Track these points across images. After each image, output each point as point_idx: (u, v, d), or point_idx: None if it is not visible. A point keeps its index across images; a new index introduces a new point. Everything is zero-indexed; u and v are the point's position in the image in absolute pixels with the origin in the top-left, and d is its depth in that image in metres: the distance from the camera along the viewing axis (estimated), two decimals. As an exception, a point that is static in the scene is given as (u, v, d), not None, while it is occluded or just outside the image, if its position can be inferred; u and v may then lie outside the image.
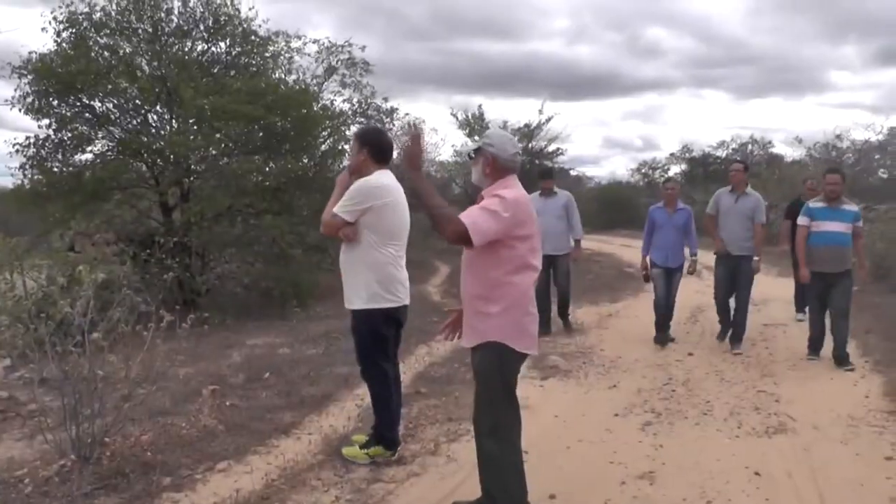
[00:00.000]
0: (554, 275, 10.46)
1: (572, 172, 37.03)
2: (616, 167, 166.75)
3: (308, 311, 13.66)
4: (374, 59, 21.08)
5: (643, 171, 52.11)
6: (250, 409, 6.66)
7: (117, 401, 5.38)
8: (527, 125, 27.99)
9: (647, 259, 9.96)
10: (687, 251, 9.92)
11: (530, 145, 28.37)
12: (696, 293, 8.72)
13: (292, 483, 4.99)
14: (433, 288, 17.11)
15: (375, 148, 5.25)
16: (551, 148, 28.71)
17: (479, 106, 30.96)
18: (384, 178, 5.18)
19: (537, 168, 28.39)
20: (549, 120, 27.63)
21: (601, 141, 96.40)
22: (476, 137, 28.48)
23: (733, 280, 9.45)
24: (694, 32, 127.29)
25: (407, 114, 31.26)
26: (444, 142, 59.30)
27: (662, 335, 9.76)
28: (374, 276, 5.13)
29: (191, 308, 8.88)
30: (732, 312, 9.58)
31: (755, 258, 9.30)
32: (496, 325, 4.08)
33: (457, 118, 28.48)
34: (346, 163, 7.43)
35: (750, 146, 46.32)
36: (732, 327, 9.54)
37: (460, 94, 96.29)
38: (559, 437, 5.96)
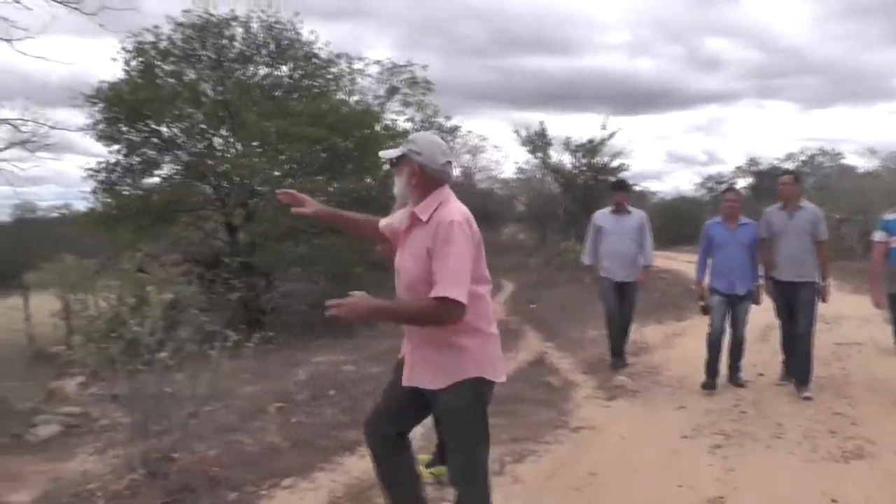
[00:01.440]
0: (620, 304, 9.03)
1: (636, 188, 36.69)
2: (680, 182, 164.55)
3: (372, 329, 13.66)
4: (433, 77, 21.28)
5: (708, 185, 51.38)
6: (315, 426, 6.67)
7: (185, 418, 5.43)
8: (590, 141, 27.73)
9: (704, 284, 8.25)
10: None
11: (593, 161, 28.08)
12: (765, 311, 8.29)
13: (356, 500, 4.97)
14: (498, 306, 17.03)
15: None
16: (615, 164, 28.41)
17: (541, 122, 30.83)
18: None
19: (609, 183, 28.18)
20: (612, 135, 27.38)
21: (664, 155, 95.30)
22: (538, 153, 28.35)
23: (793, 311, 7.87)
24: (755, 42, 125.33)
25: (469, 131, 31.27)
26: (507, 159, 59.21)
27: (710, 381, 7.97)
28: None
29: (256, 327, 8.96)
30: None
31: (821, 282, 7.82)
32: (472, 360, 3.57)
33: (519, 135, 28.34)
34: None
35: (819, 157, 45.33)
36: (795, 369, 7.99)
37: (520, 111, 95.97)
38: (626, 460, 5.77)
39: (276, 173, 15.20)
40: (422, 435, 6.33)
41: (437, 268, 3.38)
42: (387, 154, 3.65)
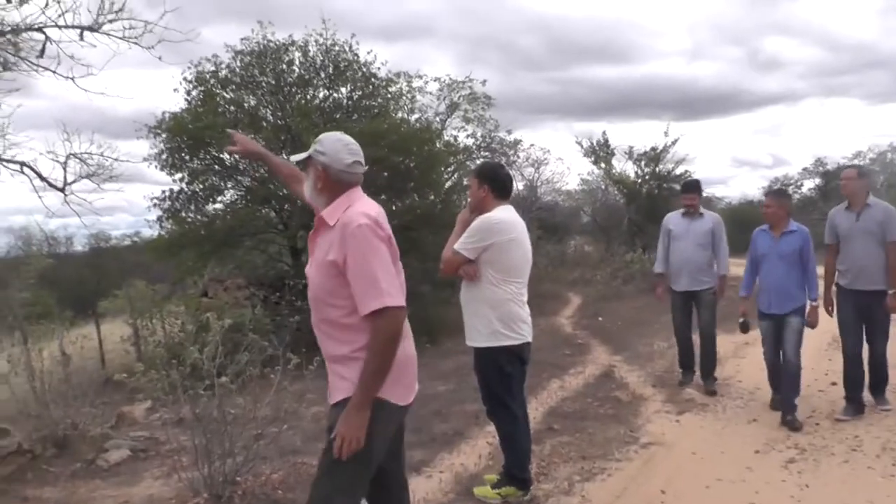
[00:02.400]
0: (697, 314, 8.56)
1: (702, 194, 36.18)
2: (746, 186, 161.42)
3: (439, 348, 13.62)
4: (492, 92, 21.27)
5: (775, 188, 50.35)
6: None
7: (248, 440, 5.45)
8: (653, 149, 27.37)
9: (748, 300, 7.50)
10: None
11: (657, 170, 27.70)
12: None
13: (422, 520, 4.92)
14: (565, 320, 16.85)
15: (496, 183, 5.07)
16: (679, 171, 27.99)
17: (604, 132, 30.49)
18: (506, 214, 5.03)
19: (682, 183, 27.75)
20: (675, 142, 26.97)
21: (728, 160, 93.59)
22: (601, 165, 28.03)
23: (866, 324, 7.13)
24: (817, 40, 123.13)
25: (532, 144, 31.04)
26: (570, 170, 58.95)
27: (789, 417, 6.88)
28: (494, 314, 4.97)
29: (313, 349, 8.96)
30: (867, 365, 7.28)
31: (890, 290, 6.86)
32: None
33: (581, 146, 28.10)
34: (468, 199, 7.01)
35: (889, 154, 44.03)
36: (871, 381, 7.33)
37: (581, 122, 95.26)
38: (697, 476, 5.64)
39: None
40: (489, 454, 6.27)
41: (358, 278, 3.13)
42: (295, 158, 3.55)
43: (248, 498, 5.14)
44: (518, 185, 27.38)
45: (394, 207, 15.63)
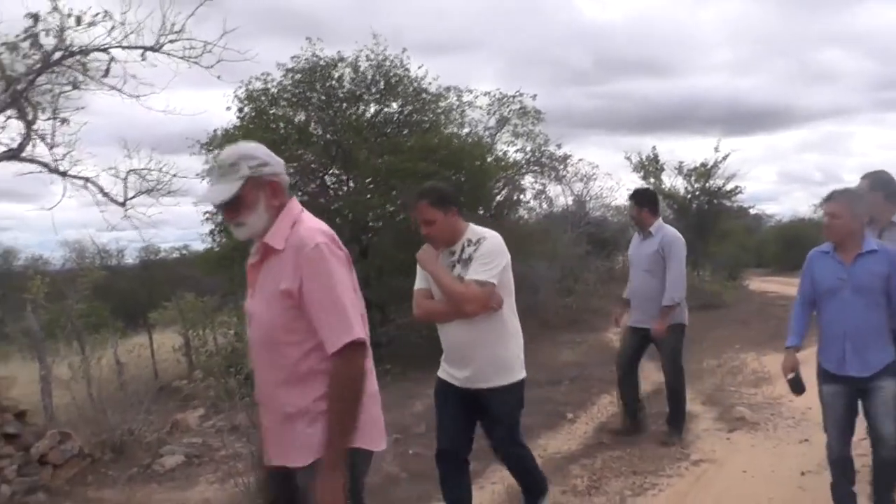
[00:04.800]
0: (660, 356, 7.30)
1: (752, 210, 35.70)
2: (796, 203, 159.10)
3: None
4: (541, 105, 21.29)
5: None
6: (432, 458, 6.67)
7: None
8: (703, 164, 27.13)
9: (798, 356, 4.83)
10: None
11: (707, 185, 27.45)
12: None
13: (473, 531, 4.95)
14: (613, 335, 16.75)
15: (457, 203, 4.50)
16: (729, 187, 27.69)
17: (653, 147, 30.19)
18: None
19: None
20: (725, 157, 26.70)
21: (776, 176, 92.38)
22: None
23: None
24: (871, 51, 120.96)
25: (581, 159, 30.91)
26: (619, 186, 58.71)
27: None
28: (515, 343, 4.50)
29: (376, 360, 9.04)
30: None
31: None
32: None
33: (630, 161, 27.92)
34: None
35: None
36: None
37: (627, 137, 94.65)
38: (748, 495, 5.58)
39: (390, 208, 15.39)
40: (539, 465, 6.30)
41: (321, 309, 2.69)
42: (223, 195, 2.83)
43: (303, 503, 5.21)
44: (567, 200, 27.31)
45: (444, 221, 15.72)
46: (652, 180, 27.58)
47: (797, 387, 4.84)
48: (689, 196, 27.78)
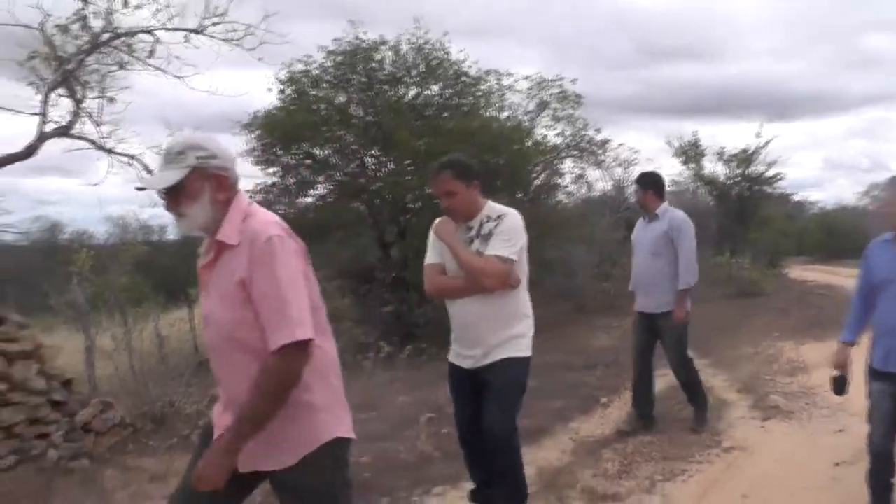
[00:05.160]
0: (662, 343, 7.08)
1: (794, 197, 35.29)
2: (841, 191, 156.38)
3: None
4: (582, 90, 21.07)
5: (872, 193, 48.81)
6: (464, 438, 6.79)
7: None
8: (744, 150, 26.83)
9: (849, 353, 4.65)
10: None
11: (748, 171, 27.16)
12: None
13: (504, 509, 5.02)
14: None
15: (479, 177, 4.45)
16: (770, 173, 27.35)
17: (694, 132, 29.83)
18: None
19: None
20: (767, 143, 26.38)
21: (821, 162, 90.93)
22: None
23: None
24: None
25: (621, 144, 30.62)
26: (660, 170, 58.13)
27: None
28: (529, 323, 4.49)
29: (409, 340, 9.19)
30: None
31: None
32: (324, 419, 2.79)
33: (671, 145, 27.69)
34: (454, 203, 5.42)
35: None
36: None
37: (668, 121, 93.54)
38: (781, 483, 5.58)
39: (428, 190, 15.46)
40: (571, 450, 6.36)
41: (265, 303, 2.61)
42: (165, 181, 2.74)
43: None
44: (606, 185, 27.20)
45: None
46: (692, 165, 27.39)
47: (839, 387, 4.67)
48: (730, 182, 27.53)
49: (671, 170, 42.98)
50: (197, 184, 2.73)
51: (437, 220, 4.47)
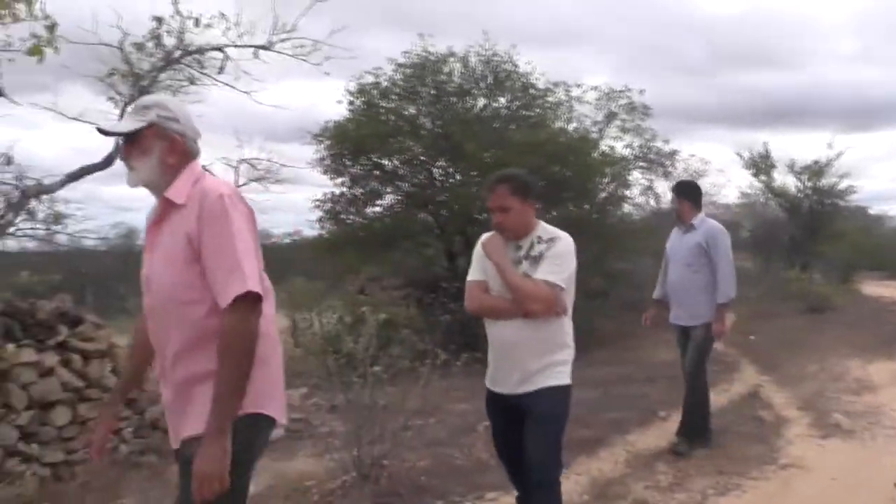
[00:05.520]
0: (684, 355, 6.99)
1: (870, 211, 34.43)
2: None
3: (588, 356, 13.68)
4: (651, 100, 20.86)
5: None
6: (522, 448, 6.86)
7: (396, 429, 5.78)
8: (815, 162, 26.35)
9: None
10: None
11: (819, 184, 26.65)
12: None
13: (555, 517, 5.09)
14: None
15: (538, 195, 4.31)
16: (843, 185, 26.79)
17: (765, 143, 29.29)
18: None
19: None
20: (839, 155, 25.86)
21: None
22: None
23: None
24: None
25: (692, 154, 30.25)
26: (730, 182, 57.01)
27: None
28: (570, 352, 4.21)
29: (465, 349, 9.28)
30: None
31: None
32: (253, 390, 2.59)
33: (741, 157, 27.29)
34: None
35: None
36: None
37: (741, 131, 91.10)
38: (836, 502, 5.52)
39: (493, 203, 15.57)
40: (625, 461, 6.40)
41: (215, 259, 2.56)
42: (121, 126, 2.85)
43: (393, 481, 5.46)
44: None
45: (549, 215, 15.78)
46: (763, 178, 26.97)
47: None
48: (801, 195, 27.06)
49: (742, 182, 42.05)
50: (150, 140, 2.73)
51: (484, 236, 4.20)
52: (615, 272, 16.68)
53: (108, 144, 7.27)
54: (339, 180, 16.75)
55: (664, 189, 25.00)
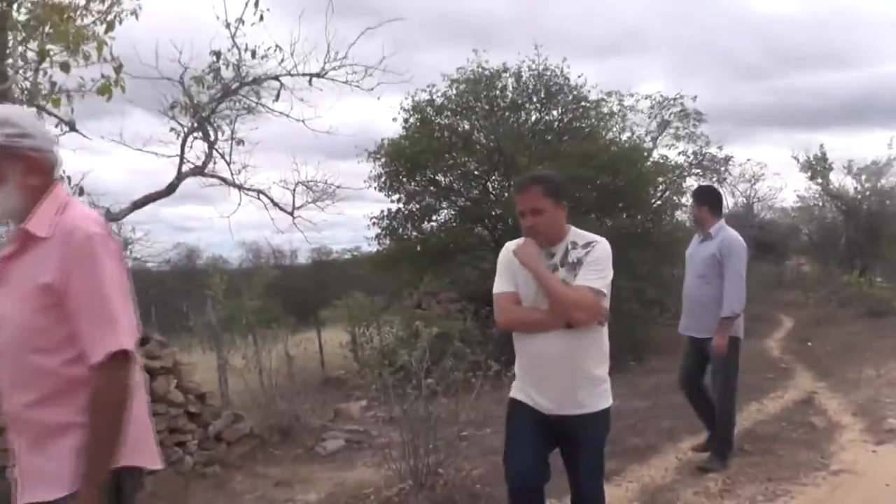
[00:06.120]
0: (694, 368, 6.67)
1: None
2: None
3: (643, 365, 13.75)
4: (707, 104, 20.79)
5: None
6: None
7: (451, 438, 5.99)
8: (874, 162, 25.87)
9: None
10: None
11: (879, 184, 26.11)
12: None
13: (607, 521, 5.24)
14: (773, 343, 16.42)
15: (570, 197, 4.08)
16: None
17: (821, 145, 28.89)
18: None
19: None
20: (900, 155, 25.41)
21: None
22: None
23: None
24: None
25: (748, 159, 30.00)
26: (787, 186, 56.24)
27: None
28: (608, 364, 3.90)
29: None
30: None
31: None
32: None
33: (797, 160, 26.93)
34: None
35: None
36: None
37: (802, 132, 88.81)
38: (888, 508, 5.49)
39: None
40: (676, 469, 6.50)
41: (84, 308, 2.29)
42: None
43: (449, 489, 5.65)
44: (727, 202, 26.80)
45: (603, 227, 15.86)
46: (819, 180, 26.60)
47: None
48: (859, 196, 26.60)
49: (798, 185, 41.31)
50: (2, 164, 2.37)
51: (511, 243, 3.91)
52: (669, 280, 16.71)
53: (168, 168, 7.66)
54: (396, 196, 17.08)
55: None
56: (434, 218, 17.57)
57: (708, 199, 6.64)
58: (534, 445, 3.89)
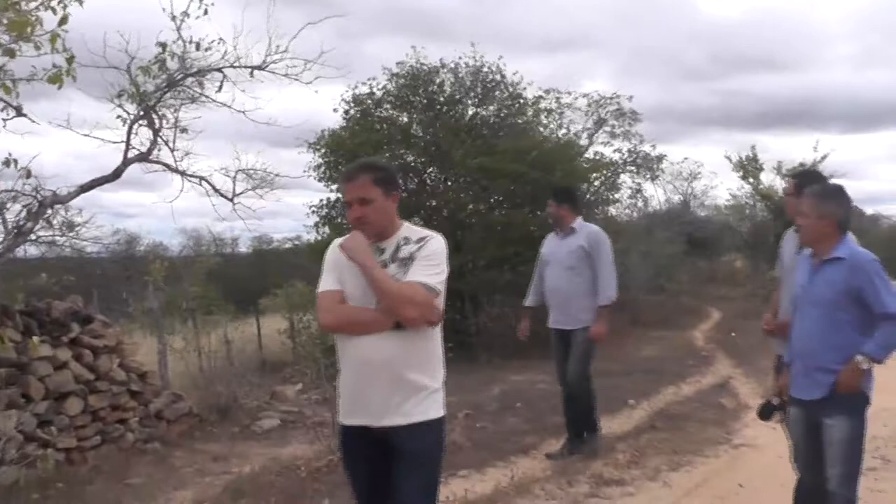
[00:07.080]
0: (570, 356, 6.70)
1: (868, 211, 34.71)
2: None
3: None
4: (652, 104, 21.44)
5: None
6: (497, 432, 7.52)
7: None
8: (801, 164, 26.73)
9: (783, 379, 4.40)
10: None
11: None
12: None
13: (519, 491, 5.66)
14: (699, 333, 16.98)
15: (400, 191, 3.83)
16: (830, 187, 27.09)
17: (752, 146, 29.64)
18: None
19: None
20: (824, 157, 26.26)
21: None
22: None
23: None
24: None
25: (685, 158, 30.73)
26: (721, 184, 57.74)
27: None
28: (442, 372, 3.47)
29: (461, 347, 9.85)
30: None
31: None
32: None
33: (730, 160, 27.75)
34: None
35: None
36: None
37: (744, 134, 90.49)
38: (777, 476, 5.81)
39: (482, 207, 16.13)
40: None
41: None
42: None
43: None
44: (660, 199, 27.61)
45: (535, 218, 16.24)
46: (751, 180, 27.45)
47: (764, 413, 4.69)
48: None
49: (732, 184, 42.40)
50: None
51: (337, 240, 3.55)
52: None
53: (108, 152, 7.93)
54: (335, 187, 17.29)
55: (652, 192, 25.57)
56: (371, 208, 17.81)
57: (567, 197, 6.92)
58: (367, 474, 3.44)
